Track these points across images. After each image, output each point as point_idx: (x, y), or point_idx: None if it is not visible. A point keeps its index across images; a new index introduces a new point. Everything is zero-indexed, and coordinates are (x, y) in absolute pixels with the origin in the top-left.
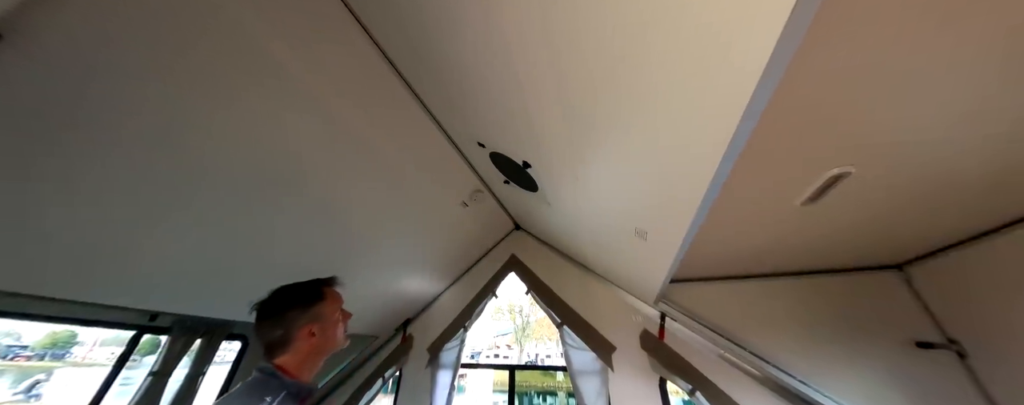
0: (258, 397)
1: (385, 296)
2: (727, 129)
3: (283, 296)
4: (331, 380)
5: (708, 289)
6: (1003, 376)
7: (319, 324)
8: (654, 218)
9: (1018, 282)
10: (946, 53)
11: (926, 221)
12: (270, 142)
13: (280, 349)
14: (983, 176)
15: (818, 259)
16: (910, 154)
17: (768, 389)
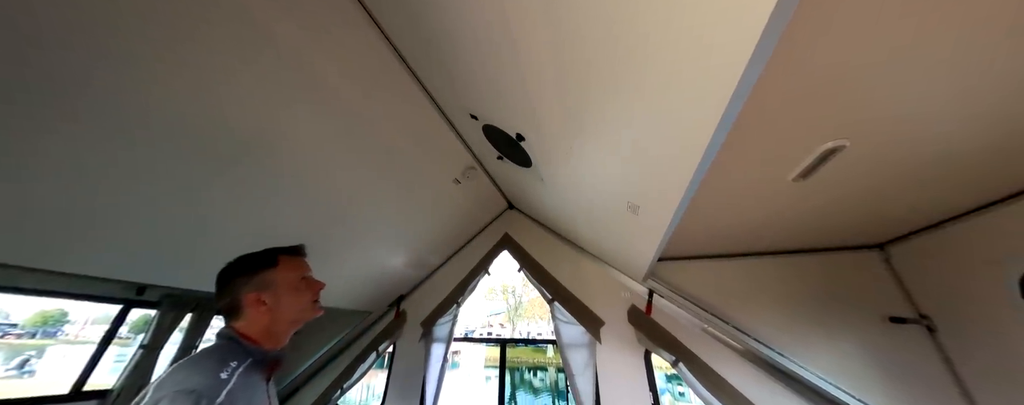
0: (220, 361)
1: (378, 272)
2: (720, 100)
3: (232, 265)
4: (325, 354)
5: (695, 267)
6: (966, 350)
7: (270, 292)
8: (646, 191)
9: (987, 261)
10: (940, 28)
11: (912, 199)
12: (254, 108)
13: (232, 316)
14: (968, 154)
15: (804, 238)
16: (904, 129)
17: (748, 361)
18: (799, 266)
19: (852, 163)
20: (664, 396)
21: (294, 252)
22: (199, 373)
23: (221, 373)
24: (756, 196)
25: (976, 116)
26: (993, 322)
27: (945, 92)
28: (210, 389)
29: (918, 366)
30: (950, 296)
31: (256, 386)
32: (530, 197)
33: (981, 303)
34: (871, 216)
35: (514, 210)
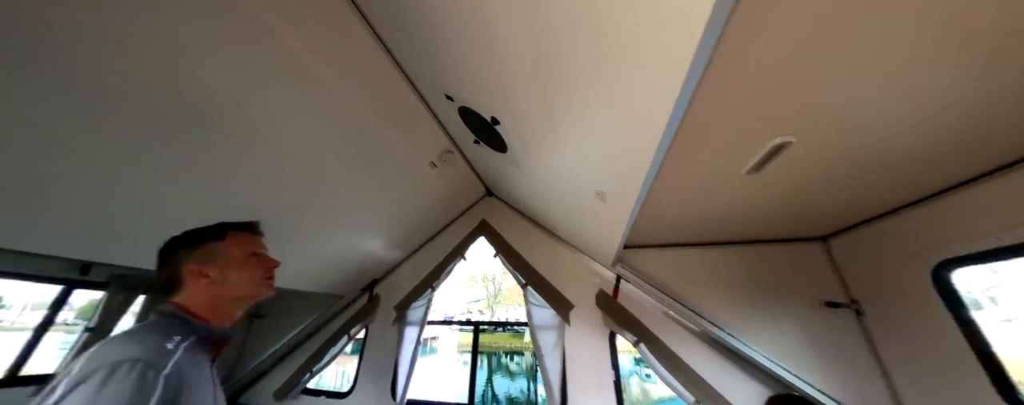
0: (162, 333)
1: (349, 255)
2: (670, 94)
3: (176, 237)
4: (293, 338)
5: (659, 255)
6: (886, 333)
7: (215, 265)
8: (612, 180)
9: (910, 254)
10: (880, 29)
11: (852, 194)
12: (216, 78)
13: (172, 290)
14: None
15: (756, 230)
16: (846, 128)
17: (703, 342)
18: (751, 255)
19: (799, 158)
20: (632, 377)
21: (246, 228)
22: (140, 343)
23: (166, 344)
24: (714, 188)
25: (907, 120)
26: (910, 308)
27: (881, 97)
28: (156, 359)
29: (846, 346)
30: (877, 284)
31: (201, 366)
32: (508, 184)
33: (902, 291)
34: (816, 210)
35: (492, 197)
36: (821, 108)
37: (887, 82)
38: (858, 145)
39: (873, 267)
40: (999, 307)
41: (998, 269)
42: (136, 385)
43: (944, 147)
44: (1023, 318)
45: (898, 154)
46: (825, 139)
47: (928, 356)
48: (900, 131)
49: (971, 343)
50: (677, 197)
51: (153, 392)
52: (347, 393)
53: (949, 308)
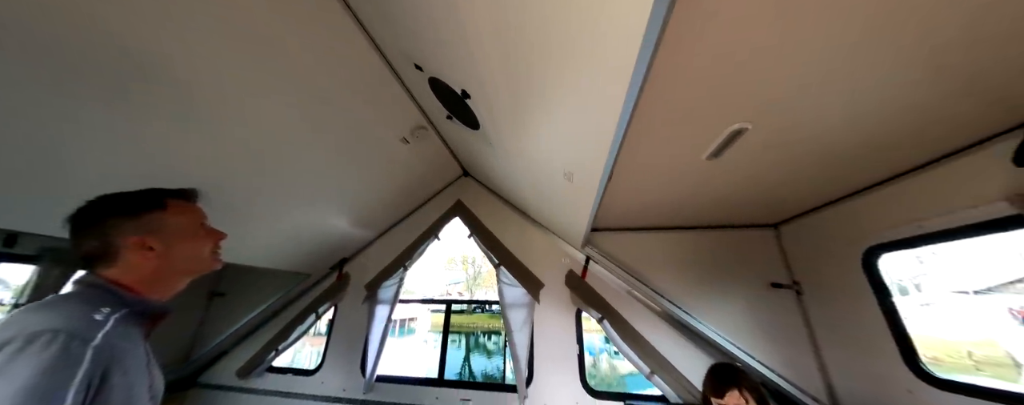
0: (87, 306)
1: (316, 233)
2: (623, 78)
3: (101, 204)
4: (257, 317)
5: (625, 238)
6: (820, 310)
7: (159, 237)
8: (578, 161)
9: (846, 240)
10: (822, 25)
11: (802, 184)
12: (159, 31)
13: (102, 262)
14: (845, 147)
15: (715, 216)
16: (798, 118)
17: (662, 319)
18: (709, 240)
19: (755, 146)
20: (602, 355)
21: (184, 196)
22: (62, 314)
23: (94, 315)
24: (677, 172)
25: (849, 114)
26: (841, 289)
27: (827, 91)
28: (82, 330)
29: (785, 323)
30: (816, 268)
31: (134, 340)
32: (482, 164)
33: (836, 274)
34: (769, 198)
35: (469, 177)
36: (775, 97)
37: (830, 75)
38: (807, 137)
39: (814, 252)
40: (921, 293)
41: (925, 260)
42: (58, 357)
43: (881, 142)
44: (939, 303)
45: (842, 147)
46: (778, 128)
47: (852, 331)
48: (843, 124)
49: (888, 322)
50: (643, 180)
51: (79, 365)
52: (315, 370)
53: (874, 290)
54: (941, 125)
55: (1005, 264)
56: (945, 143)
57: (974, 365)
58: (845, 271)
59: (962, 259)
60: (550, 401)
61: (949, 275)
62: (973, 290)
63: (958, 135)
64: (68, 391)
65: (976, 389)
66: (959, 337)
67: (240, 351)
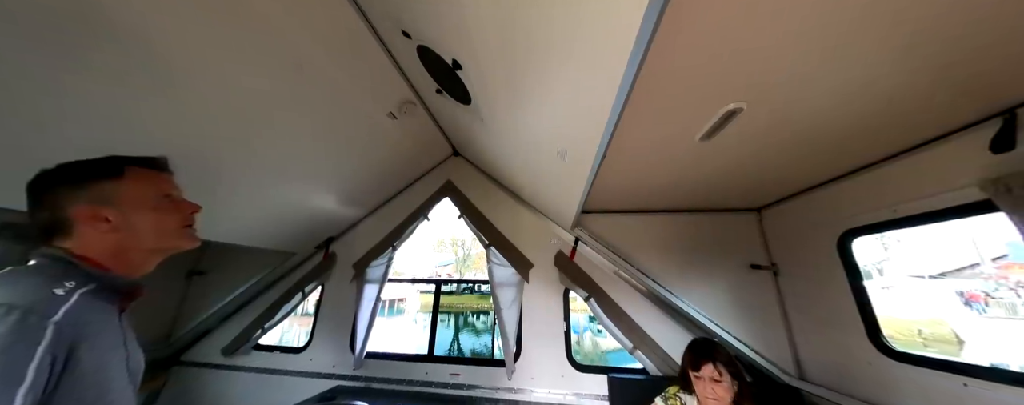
0: (46, 280)
1: (300, 210)
2: (623, 53)
3: (54, 173)
4: (240, 296)
5: (614, 220)
6: (794, 290)
7: (115, 208)
8: (573, 139)
9: (824, 223)
10: (814, 8)
11: (788, 169)
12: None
13: (57, 235)
14: (837, 130)
15: (702, 200)
16: (792, 99)
17: (646, 298)
18: (695, 223)
19: (748, 127)
20: (586, 333)
21: (150, 164)
22: (17, 288)
23: (54, 289)
24: (669, 153)
25: (838, 97)
26: (816, 270)
27: (819, 73)
28: (39, 304)
29: (761, 301)
30: (794, 250)
31: (106, 315)
32: (473, 142)
33: (812, 256)
34: (755, 182)
35: (459, 157)
36: (770, 77)
37: (826, 56)
38: (798, 119)
39: (792, 235)
40: (883, 277)
41: (889, 247)
42: (12, 334)
43: (867, 127)
44: (897, 286)
45: (830, 130)
46: (772, 109)
47: (821, 310)
48: (833, 107)
49: (857, 301)
50: (635, 162)
51: (38, 341)
52: (303, 348)
53: (846, 272)
54: (925, 112)
55: (958, 252)
56: (927, 130)
57: (923, 342)
58: (820, 253)
59: (922, 247)
60: (537, 375)
61: (909, 261)
62: (928, 275)
63: (940, 122)
64: (28, 367)
65: (925, 360)
66: (912, 317)
67: (225, 329)
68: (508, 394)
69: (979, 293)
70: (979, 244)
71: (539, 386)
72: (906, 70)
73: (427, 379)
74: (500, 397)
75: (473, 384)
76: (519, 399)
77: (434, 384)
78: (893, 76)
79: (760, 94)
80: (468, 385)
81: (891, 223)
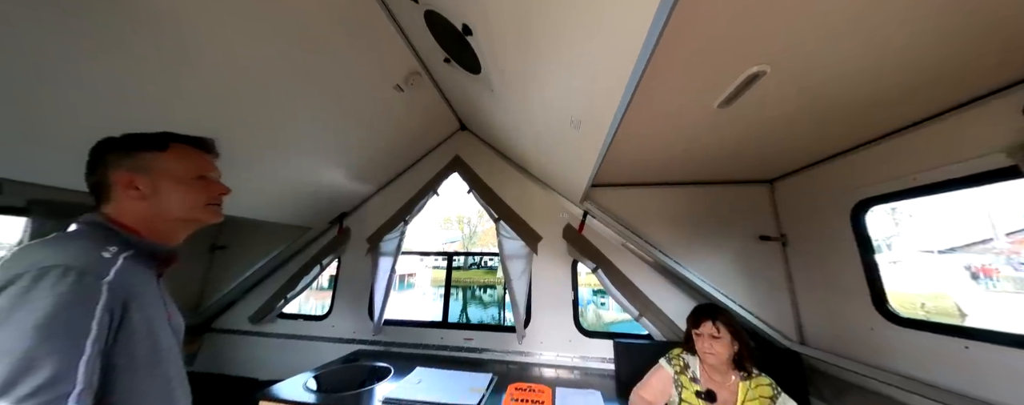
0: (93, 244)
1: (313, 186)
2: (646, 13)
3: (109, 139)
4: (261, 269)
5: (623, 193)
6: (802, 260)
7: (148, 178)
8: (588, 107)
9: (838, 194)
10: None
11: (806, 138)
12: None
13: (100, 199)
14: (863, 95)
15: (715, 171)
16: (816, 63)
17: (654, 269)
18: (706, 195)
19: (769, 92)
20: (589, 306)
21: (197, 144)
22: (70, 251)
23: (102, 252)
24: (686, 122)
25: (865, 60)
26: (826, 241)
27: (846, 33)
28: (92, 265)
29: (768, 272)
30: (805, 221)
31: (147, 279)
32: (481, 115)
33: (823, 227)
34: (771, 152)
35: (466, 132)
36: (796, 38)
37: (856, 15)
38: (822, 84)
39: (804, 206)
40: (891, 252)
41: (900, 222)
42: (73, 292)
43: (894, 93)
44: (905, 261)
45: (854, 96)
46: (796, 72)
47: (828, 278)
48: (860, 72)
49: (866, 270)
50: (649, 131)
51: (96, 300)
52: (325, 316)
53: (857, 241)
54: (957, 76)
55: (970, 226)
56: (955, 94)
57: (925, 314)
58: (832, 224)
59: (933, 222)
60: (546, 340)
61: (919, 236)
62: (938, 250)
63: (971, 86)
64: (90, 322)
65: (928, 324)
66: (916, 291)
67: (249, 300)
68: (518, 357)
69: (993, 268)
70: (994, 218)
71: (547, 350)
72: (944, 30)
73: (442, 343)
74: (511, 360)
75: (485, 348)
76: (529, 361)
77: (449, 348)
78: (928, 35)
79: (785, 56)
80: (480, 349)
81: (909, 192)
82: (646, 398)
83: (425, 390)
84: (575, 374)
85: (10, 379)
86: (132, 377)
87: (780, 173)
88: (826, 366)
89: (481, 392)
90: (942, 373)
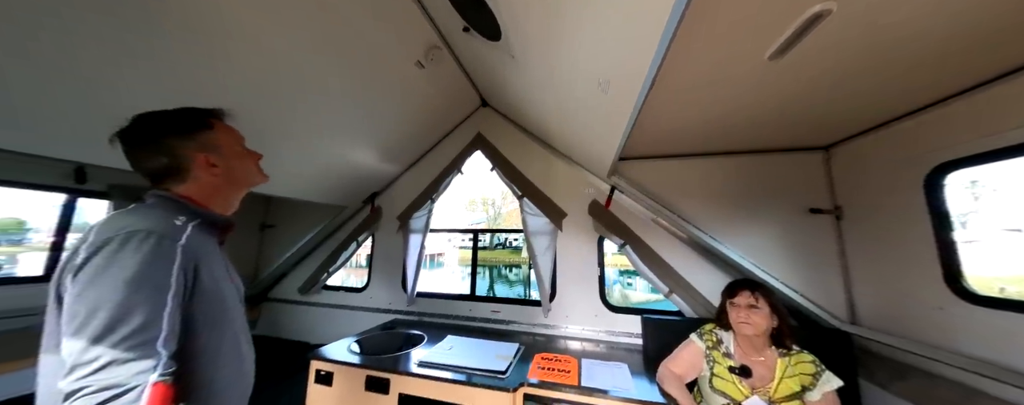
0: (166, 213)
1: (346, 167)
2: None
3: (152, 122)
4: (307, 244)
5: (654, 166)
6: (860, 234)
7: (217, 155)
8: (618, 64)
9: (908, 158)
10: None
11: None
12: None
13: (172, 178)
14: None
15: (758, 138)
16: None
17: (686, 245)
18: (748, 166)
19: (832, 37)
20: (615, 286)
21: (221, 116)
22: (149, 218)
23: (174, 221)
24: (729, 79)
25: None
26: (890, 212)
27: None
28: (168, 230)
29: (817, 247)
30: (865, 191)
31: (211, 245)
32: (502, 87)
33: (887, 197)
34: (827, 113)
35: (487, 108)
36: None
37: None
38: (898, 23)
39: (866, 174)
40: (966, 230)
41: (980, 197)
42: (153, 253)
43: (974, 38)
44: (985, 240)
45: (930, 40)
46: (867, 6)
47: (891, 253)
48: (937, 10)
49: (938, 243)
50: (687, 91)
51: (173, 260)
52: (363, 288)
53: (930, 212)
54: None
55: None
56: None
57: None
58: (900, 193)
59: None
60: (572, 314)
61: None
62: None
63: None
64: (170, 278)
65: (1008, 303)
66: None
67: (297, 273)
68: (544, 330)
69: None
70: None
71: (573, 324)
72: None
73: (470, 315)
74: (537, 332)
75: (511, 320)
76: (554, 334)
77: (477, 319)
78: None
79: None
80: (507, 321)
81: (1001, 153)
82: (675, 372)
83: (456, 356)
84: (601, 347)
85: (110, 324)
86: (207, 330)
87: (838, 138)
88: (880, 347)
89: (509, 359)
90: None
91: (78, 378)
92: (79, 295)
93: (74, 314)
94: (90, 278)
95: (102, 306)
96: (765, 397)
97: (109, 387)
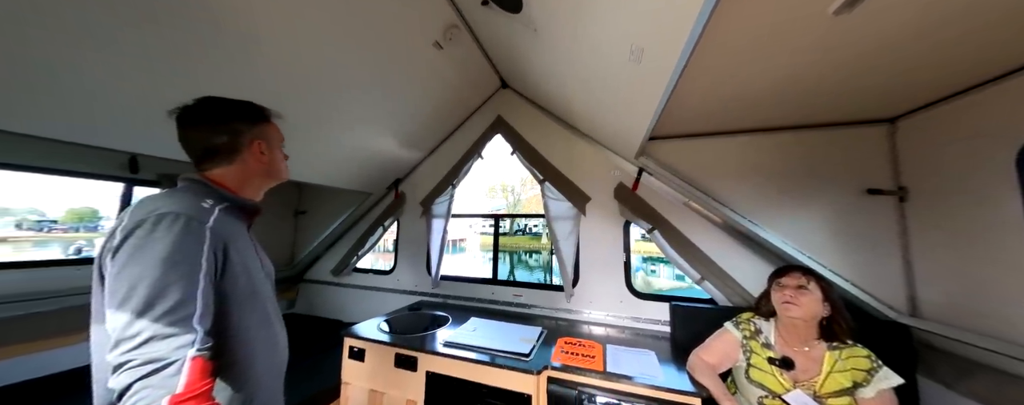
0: (195, 197)
1: (370, 154)
2: None
3: (222, 104)
4: (337, 228)
5: (687, 145)
6: (929, 219)
7: (267, 144)
8: (653, 29)
9: (996, 131)
10: None
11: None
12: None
13: (220, 159)
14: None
15: (811, 111)
16: None
17: (721, 229)
18: (794, 143)
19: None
20: (638, 273)
21: (273, 116)
22: (179, 201)
23: (202, 203)
24: (784, 41)
25: None
26: (970, 193)
27: None
28: (197, 212)
29: (874, 232)
30: (939, 169)
31: (240, 228)
32: (523, 67)
33: (968, 175)
34: (898, 78)
35: (507, 89)
36: None
37: None
38: None
39: (940, 150)
40: None
41: None
42: (184, 233)
43: None
44: None
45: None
46: None
47: (969, 239)
48: None
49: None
50: (733, 56)
51: (203, 240)
52: (390, 271)
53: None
54: None
55: None
56: None
57: None
58: (984, 171)
59: None
60: (595, 299)
61: None
62: None
63: None
64: (201, 257)
65: None
66: None
67: (329, 256)
68: (566, 314)
69: None
70: None
71: (597, 309)
72: None
73: (493, 298)
74: (560, 316)
75: (533, 304)
76: (577, 319)
77: (499, 302)
78: None
79: None
80: (529, 305)
81: None
82: (708, 361)
83: (480, 337)
84: (626, 334)
85: (149, 300)
86: (238, 309)
87: (908, 108)
88: (946, 342)
89: (532, 342)
90: None
91: (124, 352)
92: (118, 273)
93: (115, 291)
94: (128, 257)
95: (140, 283)
96: (809, 391)
97: (152, 361)
